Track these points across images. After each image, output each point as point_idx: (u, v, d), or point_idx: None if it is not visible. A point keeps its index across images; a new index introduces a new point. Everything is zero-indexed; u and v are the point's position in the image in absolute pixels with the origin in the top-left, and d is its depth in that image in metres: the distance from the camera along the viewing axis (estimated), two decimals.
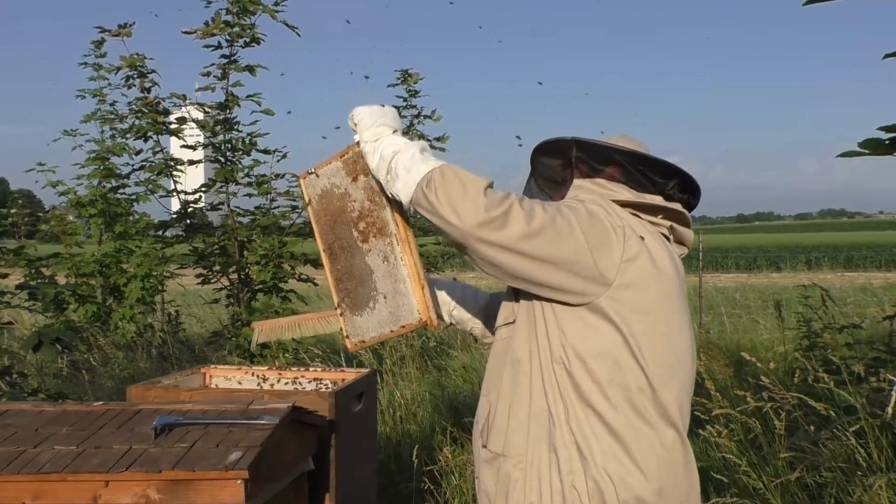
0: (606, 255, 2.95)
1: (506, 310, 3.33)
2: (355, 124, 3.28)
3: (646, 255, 3.03)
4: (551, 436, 3.03)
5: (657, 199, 3.26)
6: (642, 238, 3.06)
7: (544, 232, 2.85)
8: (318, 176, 3.65)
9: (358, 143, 3.33)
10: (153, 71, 11.10)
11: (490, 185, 2.90)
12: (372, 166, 3.22)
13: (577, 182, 3.36)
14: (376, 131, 3.22)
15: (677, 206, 3.29)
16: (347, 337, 3.69)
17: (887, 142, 4.44)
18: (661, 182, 3.28)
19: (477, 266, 2.98)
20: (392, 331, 3.53)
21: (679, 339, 3.15)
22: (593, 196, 3.22)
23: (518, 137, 13.52)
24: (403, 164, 3.04)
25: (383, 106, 3.33)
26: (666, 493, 3.00)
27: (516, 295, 3.24)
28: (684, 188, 3.32)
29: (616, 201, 3.20)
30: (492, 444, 3.20)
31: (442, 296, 3.87)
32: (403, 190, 3.02)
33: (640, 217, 3.21)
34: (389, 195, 3.22)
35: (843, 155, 4.63)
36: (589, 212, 3.01)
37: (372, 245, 3.49)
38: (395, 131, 3.25)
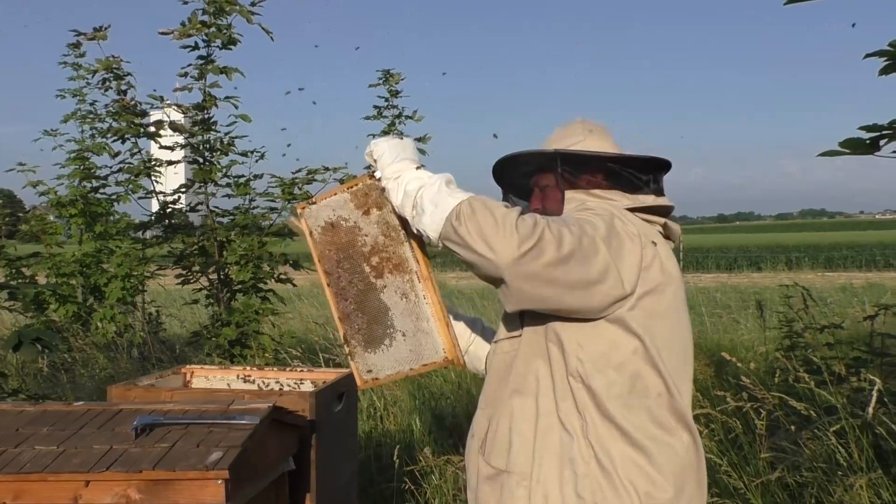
0: (627, 266, 2.92)
1: (510, 323, 3.25)
2: (375, 160, 3.20)
3: (658, 260, 3.03)
4: (566, 451, 2.98)
5: (649, 199, 3.25)
6: (654, 244, 3.06)
7: (574, 255, 2.79)
8: (318, 207, 3.47)
9: (370, 175, 3.28)
10: (129, 74, 11.09)
11: (520, 214, 2.82)
12: (396, 203, 3.12)
13: (570, 195, 3.27)
14: (398, 167, 3.13)
15: (667, 202, 3.29)
16: (358, 374, 3.50)
17: (868, 141, 4.46)
18: (645, 179, 3.27)
19: (508, 301, 2.90)
20: (412, 369, 3.41)
21: (686, 340, 3.18)
22: (601, 206, 3.18)
23: (495, 136, 13.53)
24: (430, 199, 2.96)
25: (402, 138, 3.25)
26: (685, 496, 3.00)
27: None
28: (659, 174, 3.32)
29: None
30: (493, 460, 3.14)
31: (460, 329, 3.74)
32: (431, 225, 2.94)
33: (647, 220, 3.20)
34: (416, 231, 3.12)
35: (824, 154, 4.64)
36: (608, 225, 2.96)
37: (388, 281, 3.37)
38: (418, 166, 3.15)
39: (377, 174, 3.21)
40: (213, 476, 3.30)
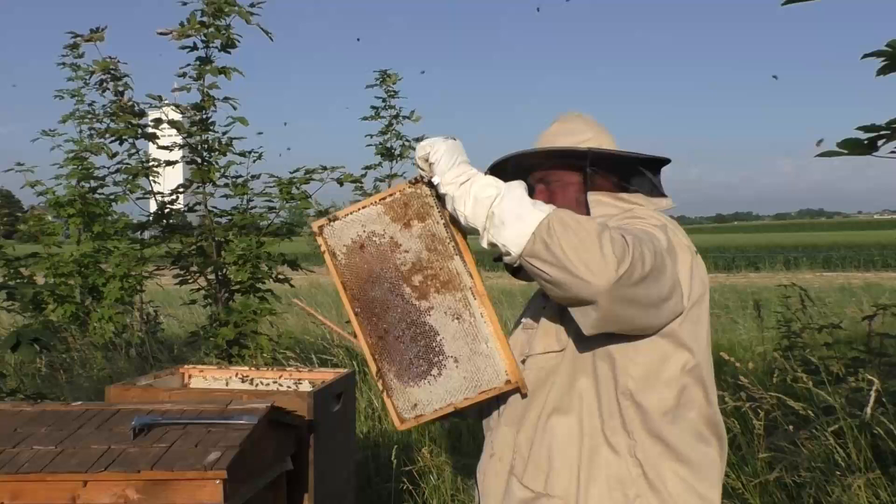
0: (683, 279, 2.87)
1: (548, 337, 3.08)
2: (431, 163, 2.84)
3: (699, 270, 2.97)
4: (613, 471, 2.88)
5: (664, 203, 3.20)
6: (696, 252, 3.01)
7: (652, 273, 2.62)
8: (343, 223, 3.07)
9: (410, 183, 2.97)
10: (126, 75, 11.07)
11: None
12: (465, 212, 2.74)
13: (596, 197, 3.13)
14: (460, 171, 2.78)
15: (672, 203, 3.24)
16: (398, 414, 3.12)
17: (866, 142, 4.46)
18: (657, 180, 3.22)
19: (591, 324, 2.67)
20: (466, 398, 3.03)
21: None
22: (649, 213, 3.05)
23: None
24: (511, 210, 2.64)
25: (454, 139, 2.89)
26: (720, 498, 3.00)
27: (566, 324, 2.99)
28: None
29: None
30: (529, 482, 2.98)
31: None
32: (514, 239, 2.61)
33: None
34: (487, 245, 2.74)
35: (821, 155, 4.64)
36: (666, 236, 2.86)
37: (434, 302, 3.00)
38: (487, 172, 2.89)
39: (435, 179, 2.83)
40: (211, 476, 3.30)
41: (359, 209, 3.04)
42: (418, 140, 13.21)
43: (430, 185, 2.94)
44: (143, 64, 12.49)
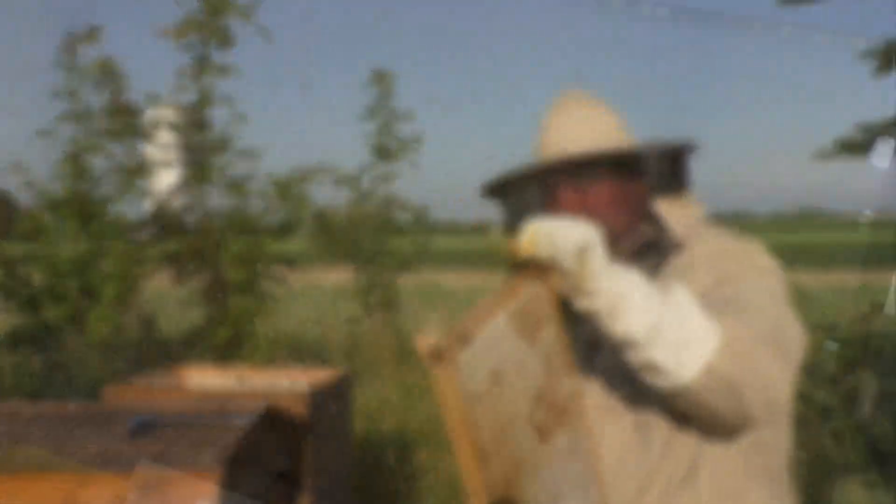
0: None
1: (654, 408, 2.39)
2: (586, 251, 2.00)
3: None
4: None
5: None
6: None
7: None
8: (481, 345, 1.92)
9: (534, 277, 2.08)
10: (123, 75, 11.06)
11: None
12: (628, 319, 2.00)
13: (672, 209, 2.61)
14: (608, 262, 2.03)
15: None
16: None
17: (862, 142, 4.46)
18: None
19: (720, 437, 2.31)
20: None
21: None
22: (753, 248, 2.70)
23: None
24: (680, 324, 2.02)
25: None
26: None
27: None
28: None
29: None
30: None
31: None
32: (684, 364, 2.00)
33: None
34: (640, 364, 2.07)
35: (818, 155, 4.64)
36: (782, 288, 2.51)
37: (557, 441, 2.08)
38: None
39: (595, 268, 2.00)
40: (207, 476, 3.30)
41: (488, 320, 1.97)
42: (415, 140, 13.10)
43: (545, 280, 2.09)
44: (140, 63, 12.45)
